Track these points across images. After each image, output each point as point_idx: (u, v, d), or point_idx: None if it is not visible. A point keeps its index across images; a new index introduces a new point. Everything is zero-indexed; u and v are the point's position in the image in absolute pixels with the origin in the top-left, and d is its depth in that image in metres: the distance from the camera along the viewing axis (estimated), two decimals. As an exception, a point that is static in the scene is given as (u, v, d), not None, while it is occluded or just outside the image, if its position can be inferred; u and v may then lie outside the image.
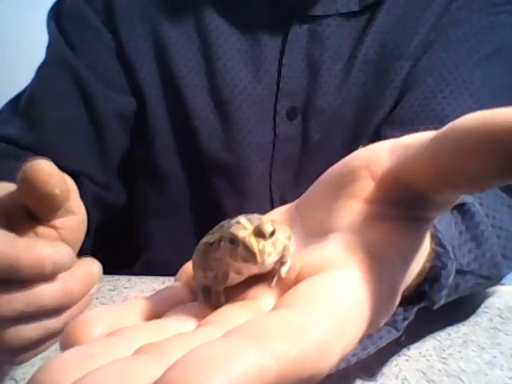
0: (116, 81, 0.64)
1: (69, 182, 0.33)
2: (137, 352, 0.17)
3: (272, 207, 0.29)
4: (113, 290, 0.56)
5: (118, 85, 0.65)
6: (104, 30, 0.64)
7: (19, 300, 0.30)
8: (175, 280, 0.28)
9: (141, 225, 0.70)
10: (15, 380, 0.42)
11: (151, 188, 0.68)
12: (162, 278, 0.58)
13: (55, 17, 0.66)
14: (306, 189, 0.28)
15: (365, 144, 0.25)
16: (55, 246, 0.30)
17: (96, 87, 0.64)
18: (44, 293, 0.30)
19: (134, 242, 0.71)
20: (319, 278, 0.20)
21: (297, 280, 0.21)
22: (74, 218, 0.35)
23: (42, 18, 0.69)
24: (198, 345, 0.15)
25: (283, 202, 0.29)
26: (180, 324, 0.21)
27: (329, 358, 0.17)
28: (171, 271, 0.40)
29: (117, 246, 0.66)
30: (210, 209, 0.66)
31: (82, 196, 0.67)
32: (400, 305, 0.24)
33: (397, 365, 0.44)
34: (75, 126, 0.64)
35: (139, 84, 0.64)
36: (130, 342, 0.18)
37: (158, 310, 0.23)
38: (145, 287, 0.57)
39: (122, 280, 0.58)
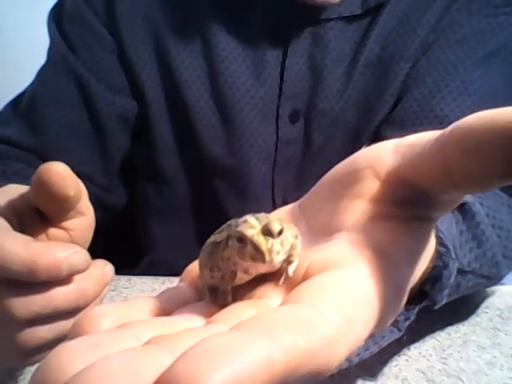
0: (117, 83, 0.65)
1: (80, 183, 0.33)
2: (146, 343, 0.17)
3: (274, 210, 0.30)
4: (113, 290, 0.56)
5: (119, 87, 0.65)
6: (105, 33, 0.64)
7: (35, 303, 0.30)
8: (180, 280, 0.28)
9: (142, 226, 0.70)
10: (15, 379, 0.42)
11: (152, 190, 0.68)
12: (161, 278, 0.58)
13: (55, 18, 0.66)
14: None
15: (367, 144, 0.25)
16: (71, 249, 0.30)
17: (97, 89, 0.64)
18: (59, 295, 0.31)
19: (135, 243, 0.71)
20: (327, 275, 0.20)
21: (304, 279, 0.21)
22: (84, 218, 0.36)
23: (42, 17, 0.69)
24: (207, 336, 0.15)
25: (285, 205, 0.29)
26: (188, 321, 0.21)
27: (336, 354, 0.17)
28: (172, 272, 0.40)
29: (118, 248, 0.66)
30: (211, 211, 0.66)
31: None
32: None
33: (397, 365, 0.44)
34: (76, 128, 0.64)
35: (140, 86, 0.64)
36: (140, 334, 0.18)
37: (166, 309, 0.23)
38: (145, 287, 0.57)
39: (122, 280, 0.58)
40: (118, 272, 0.58)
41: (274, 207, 0.64)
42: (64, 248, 0.30)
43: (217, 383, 0.13)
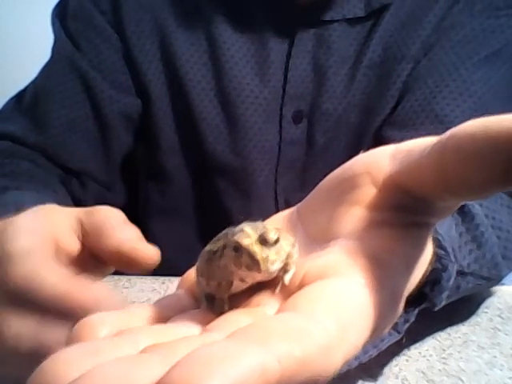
0: (122, 82, 0.65)
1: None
2: (142, 352, 0.17)
3: (277, 210, 0.29)
4: (113, 290, 0.56)
5: (123, 86, 0.65)
6: (111, 31, 0.64)
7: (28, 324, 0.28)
8: (177, 287, 0.28)
9: (144, 226, 0.70)
10: (16, 381, 0.42)
11: (155, 189, 0.69)
12: (161, 278, 0.58)
13: (60, 16, 0.66)
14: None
15: (365, 149, 0.25)
16: (109, 294, 0.29)
17: (102, 88, 0.64)
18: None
19: None
20: (322, 283, 0.20)
21: (300, 287, 0.21)
22: None
23: (43, 15, 0.69)
24: (201, 345, 0.15)
25: (288, 205, 0.29)
26: (185, 329, 0.21)
27: (332, 363, 0.17)
28: (173, 272, 0.40)
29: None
30: (213, 211, 0.66)
31: (84, 195, 0.67)
32: None
33: (397, 365, 0.44)
34: (80, 125, 0.64)
35: (145, 85, 0.65)
36: (136, 342, 0.18)
37: (163, 317, 0.23)
38: (145, 287, 0.57)
39: (122, 280, 0.58)
40: (118, 272, 0.58)
41: (277, 207, 0.65)
42: (102, 290, 0.29)
43: None
